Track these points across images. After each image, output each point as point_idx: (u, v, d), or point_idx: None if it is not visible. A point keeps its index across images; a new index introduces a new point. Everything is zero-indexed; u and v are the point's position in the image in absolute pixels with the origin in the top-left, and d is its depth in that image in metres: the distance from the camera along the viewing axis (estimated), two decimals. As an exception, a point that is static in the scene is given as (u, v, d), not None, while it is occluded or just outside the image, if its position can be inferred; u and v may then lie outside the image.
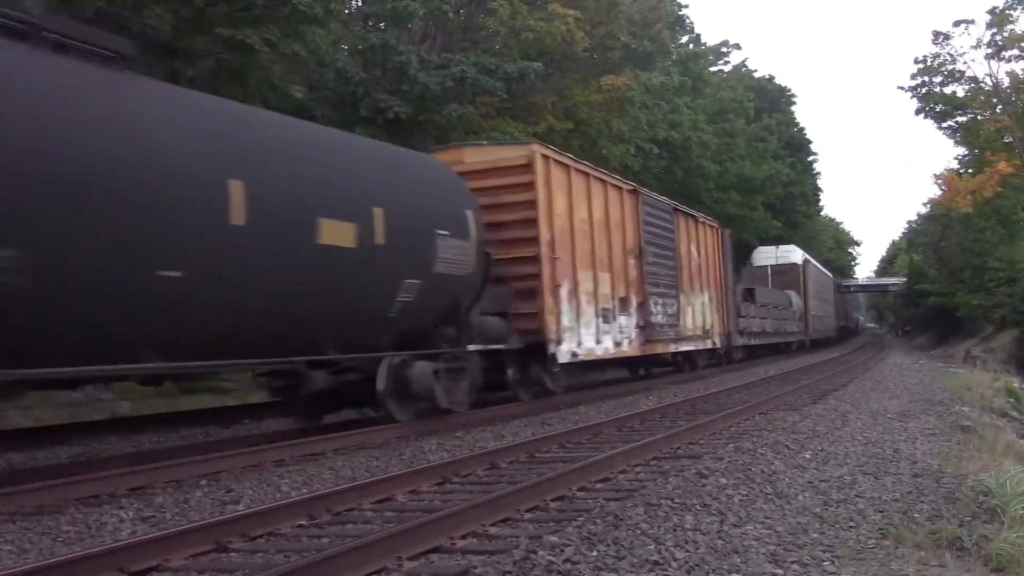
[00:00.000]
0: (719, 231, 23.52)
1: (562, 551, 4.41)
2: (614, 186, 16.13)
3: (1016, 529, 5.12)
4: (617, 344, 15.37)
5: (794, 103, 62.70)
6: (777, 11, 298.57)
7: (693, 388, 16.56)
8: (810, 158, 63.56)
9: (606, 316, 14.85)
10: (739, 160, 41.81)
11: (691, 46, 41.82)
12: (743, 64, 54.51)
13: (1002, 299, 38.26)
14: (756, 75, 56.26)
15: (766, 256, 41.49)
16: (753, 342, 28.09)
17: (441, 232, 10.75)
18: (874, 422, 10.17)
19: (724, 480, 6.37)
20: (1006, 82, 39.50)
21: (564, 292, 13.40)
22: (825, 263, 60.81)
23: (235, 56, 15.26)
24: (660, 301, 17.44)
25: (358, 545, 4.43)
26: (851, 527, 5.25)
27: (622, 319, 15.55)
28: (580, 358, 13.95)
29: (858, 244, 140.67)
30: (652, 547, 4.57)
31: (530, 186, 12.97)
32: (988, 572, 4.69)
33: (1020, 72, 39.01)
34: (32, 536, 5.42)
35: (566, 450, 8.61)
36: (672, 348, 18.60)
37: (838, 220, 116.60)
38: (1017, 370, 29.10)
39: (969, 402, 13.60)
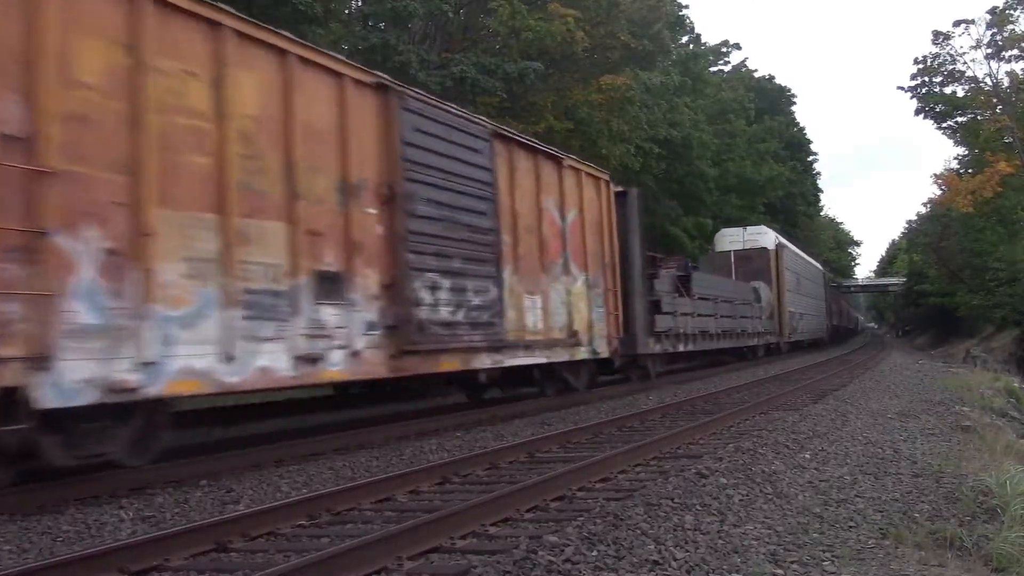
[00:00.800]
0: (609, 186, 15.71)
1: (562, 551, 4.41)
2: (315, 64, 9.01)
3: (1016, 529, 5.13)
4: (309, 360, 8.35)
5: (794, 103, 62.96)
6: (777, 11, 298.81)
7: (693, 388, 16.59)
8: (810, 158, 63.76)
9: (268, 307, 7.94)
10: (739, 160, 41.86)
11: (691, 46, 41.90)
12: (743, 64, 54.70)
13: (1002, 299, 38.32)
14: (756, 75, 56.41)
15: (730, 240, 32.85)
16: (685, 348, 20.24)
17: None
18: (874, 422, 10.17)
19: (724, 480, 6.37)
20: (1006, 82, 39.63)
21: (79, 252, 6.32)
22: (825, 263, 60.51)
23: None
24: (448, 284, 10.48)
25: (358, 545, 4.44)
26: (851, 527, 5.25)
27: (325, 313, 8.65)
28: (148, 392, 6.75)
29: (858, 244, 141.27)
30: (652, 547, 4.57)
31: None
32: (988, 572, 4.69)
33: (1020, 72, 39.13)
34: (32, 536, 5.43)
35: (566, 450, 8.61)
36: (487, 363, 11.30)
37: (838, 220, 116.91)
38: (1017, 370, 29.12)
39: (969, 402, 13.59)
